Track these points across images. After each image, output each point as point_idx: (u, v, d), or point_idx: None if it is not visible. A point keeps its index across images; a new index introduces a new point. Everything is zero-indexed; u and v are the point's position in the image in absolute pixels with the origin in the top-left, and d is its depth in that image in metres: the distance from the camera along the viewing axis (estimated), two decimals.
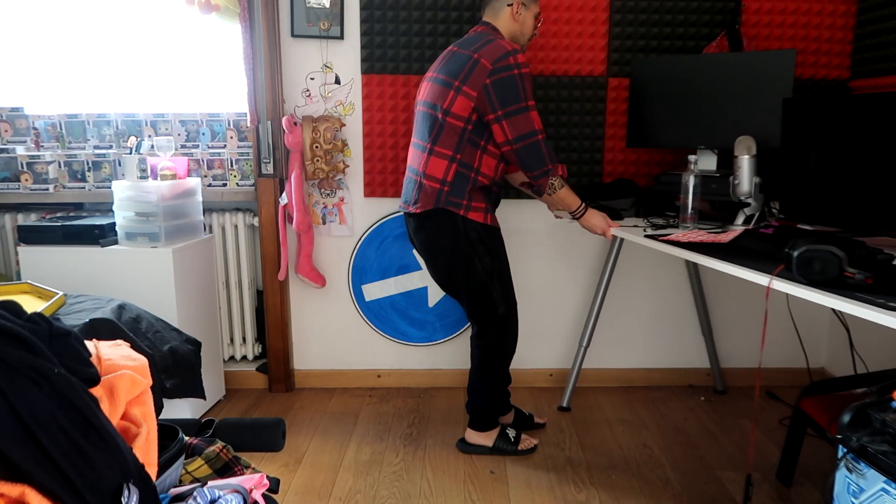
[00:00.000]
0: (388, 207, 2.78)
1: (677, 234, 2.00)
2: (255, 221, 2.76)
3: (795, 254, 1.45)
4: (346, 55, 2.65)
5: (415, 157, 2.18)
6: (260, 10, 2.57)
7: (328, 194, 2.76)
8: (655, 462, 2.26)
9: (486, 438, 2.32)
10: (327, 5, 2.59)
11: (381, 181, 2.74)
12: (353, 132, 2.71)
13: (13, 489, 0.76)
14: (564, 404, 2.70)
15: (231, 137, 2.77)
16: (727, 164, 2.40)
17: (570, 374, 2.72)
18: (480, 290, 2.16)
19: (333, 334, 2.89)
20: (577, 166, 2.73)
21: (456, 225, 2.10)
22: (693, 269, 2.80)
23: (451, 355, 2.91)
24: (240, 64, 2.59)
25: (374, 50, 2.63)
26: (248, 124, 2.64)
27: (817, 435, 1.80)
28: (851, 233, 1.87)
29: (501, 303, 2.19)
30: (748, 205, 2.11)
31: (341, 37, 2.63)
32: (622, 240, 2.57)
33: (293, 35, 2.62)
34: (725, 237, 1.90)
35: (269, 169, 2.69)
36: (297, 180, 2.62)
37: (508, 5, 2.12)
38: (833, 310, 1.45)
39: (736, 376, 2.91)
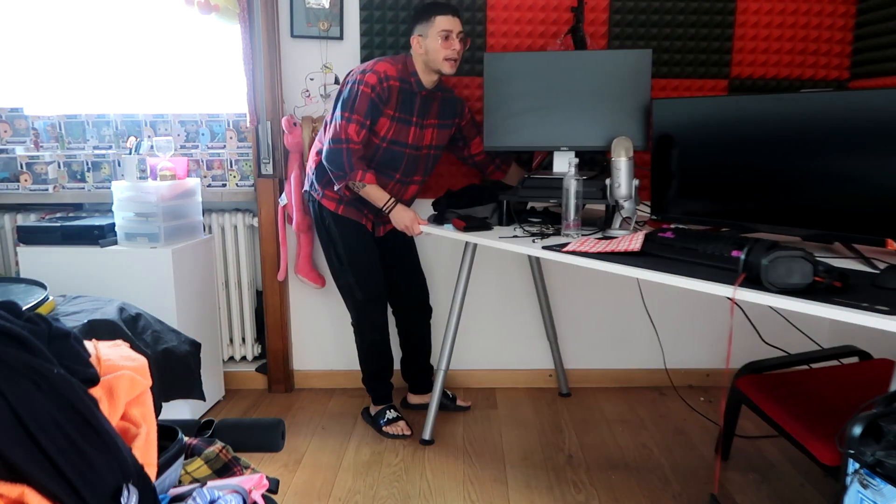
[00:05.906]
0: None
1: (574, 245, 1.86)
2: (255, 222, 2.76)
3: (765, 262, 1.40)
4: (346, 56, 2.65)
5: None
6: (259, 10, 2.57)
7: None
8: (655, 462, 2.26)
9: (373, 410, 2.54)
10: (327, 6, 2.59)
11: None
12: None
13: (12, 490, 0.76)
14: (427, 437, 2.39)
15: (231, 138, 2.77)
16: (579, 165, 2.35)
17: (431, 402, 2.41)
18: (338, 273, 2.40)
19: (333, 334, 2.89)
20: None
21: (316, 210, 2.37)
22: (537, 267, 2.70)
23: None
24: (239, 64, 2.59)
25: (373, 50, 2.63)
26: (248, 125, 2.64)
27: (780, 434, 1.78)
28: (734, 230, 1.93)
29: (358, 290, 2.37)
30: (622, 207, 2.04)
31: (341, 37, 2.64)
32: (476, 245, 2.36)
33: (293, 35, 2.62)
34: (633, 244, 1.77)
35: (268, 169, 2.69)
36: (297, 181, 2.61)
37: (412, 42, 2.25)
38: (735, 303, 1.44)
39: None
